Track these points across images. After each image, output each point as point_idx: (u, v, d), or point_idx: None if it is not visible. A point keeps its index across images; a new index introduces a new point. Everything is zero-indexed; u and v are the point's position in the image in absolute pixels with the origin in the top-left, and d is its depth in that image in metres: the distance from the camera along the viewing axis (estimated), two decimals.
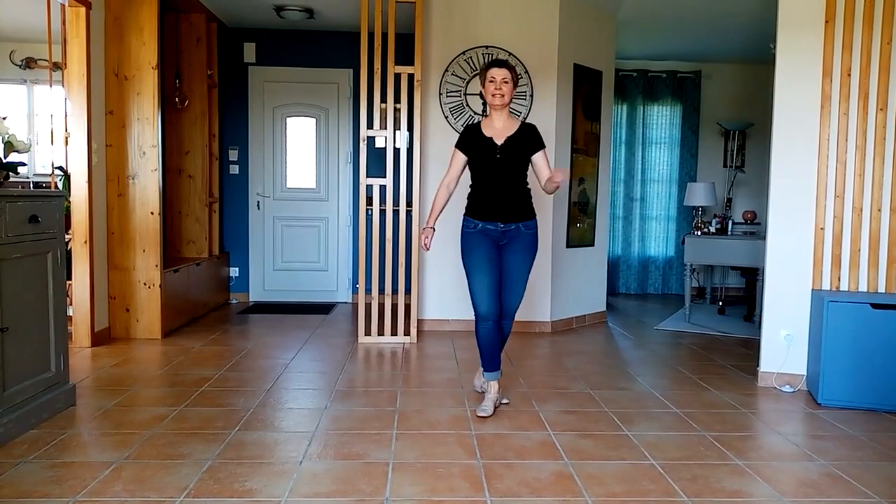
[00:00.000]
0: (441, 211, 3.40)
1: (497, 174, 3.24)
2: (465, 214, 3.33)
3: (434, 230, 3.37)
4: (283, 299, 6.62)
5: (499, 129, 3.27)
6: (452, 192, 3.40)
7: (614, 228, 7.57)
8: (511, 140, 3.24)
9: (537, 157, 3.28)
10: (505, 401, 3.45)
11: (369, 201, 5.12)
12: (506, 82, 3.21)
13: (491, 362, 3.31)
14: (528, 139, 3.27)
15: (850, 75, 3.69)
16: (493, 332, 3.27)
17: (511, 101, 3.27)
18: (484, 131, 3.29)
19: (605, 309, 6.02)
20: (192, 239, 5.97)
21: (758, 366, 3.98)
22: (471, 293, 3.27)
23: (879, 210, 3.68)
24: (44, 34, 4.34)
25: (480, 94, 3.31)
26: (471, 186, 3.34)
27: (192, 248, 5.97)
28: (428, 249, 3.39)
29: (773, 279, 3.89)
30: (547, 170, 3.26)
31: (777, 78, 3.81)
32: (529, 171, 3.33)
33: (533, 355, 4.59)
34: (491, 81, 3.22)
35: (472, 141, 3.30)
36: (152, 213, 4.77)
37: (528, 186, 3.33)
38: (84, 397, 3.41)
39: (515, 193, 3.26)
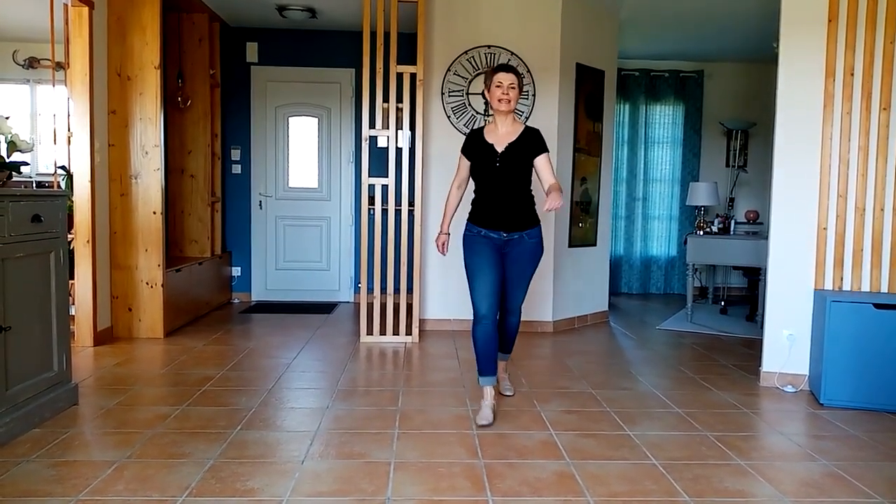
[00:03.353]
0: (454, 213, 3.43)
1: (497, 182, 3.20)
2: (468, 220, 3.31)
3: (449, 235, 3.41)
4: (284, 299, 6.63)
5: (501, 134, 3.22)
6: (464, 194, 3.43)
7: (616, 228, 7.56)
8: (512, 147, 3.19)
9: (539, 161, 3.20)
10: (509, 393, 3.55)
11: (371, 201, 5.13)
12: (513, 88, 3.17)
13: (488, 366, 3.22)
14: (530, 144, 3.21)
15: (853, 75, 3.68)
16: (492, 333, 3.20)
17: (516, 105, 3.24)
18: (486, 137, 3.24)
19: (607, 309, 6.01)
20: (195, 238, 5.97)
21: (760, 366, 3.98)
22: (471, 292, 3.22)
23: (882, 210, 3.67)
24: (46, 34, 4.35)
25: (483, 94, 3.28)
26: (474, 192, 3.33)
27: (194, 248, 5.97)
28: (445, 254, 3.45)
29: (776, 279, 3.88)
30: (548, 174, 3.19)
31: (780, 77, 3.81)
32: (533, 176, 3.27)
33: (535, 355, 4.58)
34: (498, 86, 3.17)
35: (474, 147, 3.28)
36: (155, 213, 4.78)
37: (532, 193, 3.29)
38: (86, 396, 3.41)
39: (517, 202, 3.22)
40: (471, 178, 3.36)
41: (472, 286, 3.22)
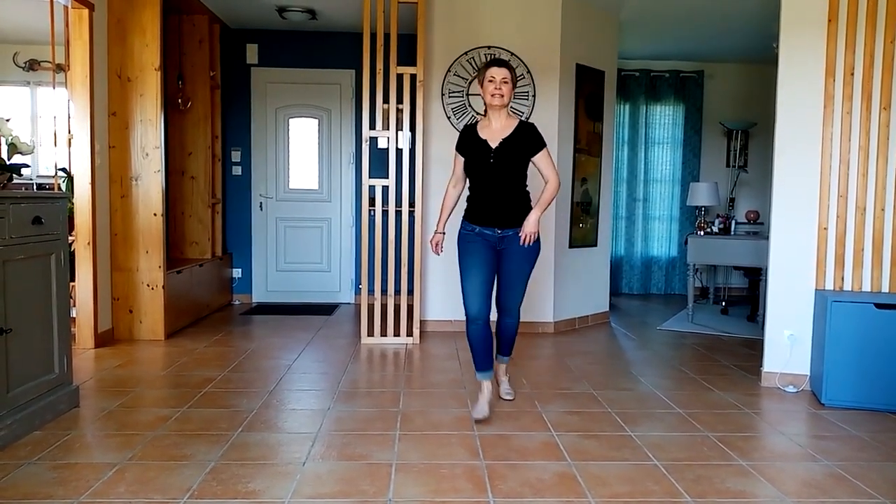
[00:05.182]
0: (450, 213, 3.40)
1: (491, 179, 3.17)
2: (463, 218, 3.29)
3: (444, 235, 3.38)
4: (285, 300, 6.63)
5: (495, 130, 3.17)
6: (461, 192, 3.39)
7: (617, 228, 7.56)
8: (506, 142, 3.14)
9: (538, 159, 3.18)
10: (509, 397, 3.50)
11: (372, 202, 5.13)
12: (505, 82, 3.12)
13: (482, 361, 3.25)
14: (525, 140, 3.16)
15: (853, 74, 3.68)
16: (484, 333, 3.20)
17: (510, 101, 3.20)
18: (480, 133, 3.20)
19: (607, 309, 6.01)
20: (195, 240, 5.97)
21: (761, 366, 3.97)
22: (462, 293, 3.21)
23: (883, 210, 3.67)
24: (47, 36, 4.35)
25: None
26: (469, 189, 3.30)
27: (194, 250, 5.98)
28: (440, 254, 3.39)
29: (777, 279, 3.88)
30: (548, 170, 3.18)
31: (780, 77, 3.81)
32: (531, 171, 3.23)
33: (536, 356, 4.58)
34: (490, 81, 3.13)
35: (467, 143, 3.24)
36: (155, 215, 4.78)
37: (528, 189, 3.25)
38: (87, 398, 3.41)
39: (512, 198, 3.18)
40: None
41: (463, 286, 3.21)
